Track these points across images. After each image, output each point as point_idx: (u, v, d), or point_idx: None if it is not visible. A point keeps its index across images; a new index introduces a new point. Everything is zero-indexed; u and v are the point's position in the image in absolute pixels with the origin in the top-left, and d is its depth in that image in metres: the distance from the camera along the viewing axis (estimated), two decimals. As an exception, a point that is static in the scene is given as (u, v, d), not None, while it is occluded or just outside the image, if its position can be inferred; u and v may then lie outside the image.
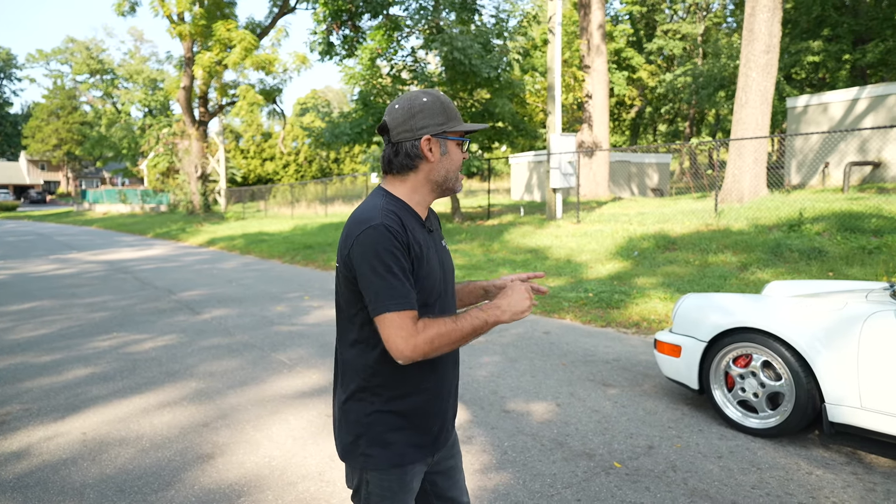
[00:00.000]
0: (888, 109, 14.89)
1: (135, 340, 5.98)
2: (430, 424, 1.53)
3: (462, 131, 1.52)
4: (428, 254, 1.48)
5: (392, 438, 1.49)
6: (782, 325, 3.39)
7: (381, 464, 1.49)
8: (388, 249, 1.37)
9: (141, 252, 15.97)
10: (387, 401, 1.49)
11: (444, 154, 1.50)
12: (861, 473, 3.07)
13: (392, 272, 1.37)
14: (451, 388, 1.60)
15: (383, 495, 1.50)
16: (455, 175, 1.53)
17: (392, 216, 1.42)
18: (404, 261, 1.39)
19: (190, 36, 26.56)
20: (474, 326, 1.41)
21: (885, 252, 7.42)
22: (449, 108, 1.50)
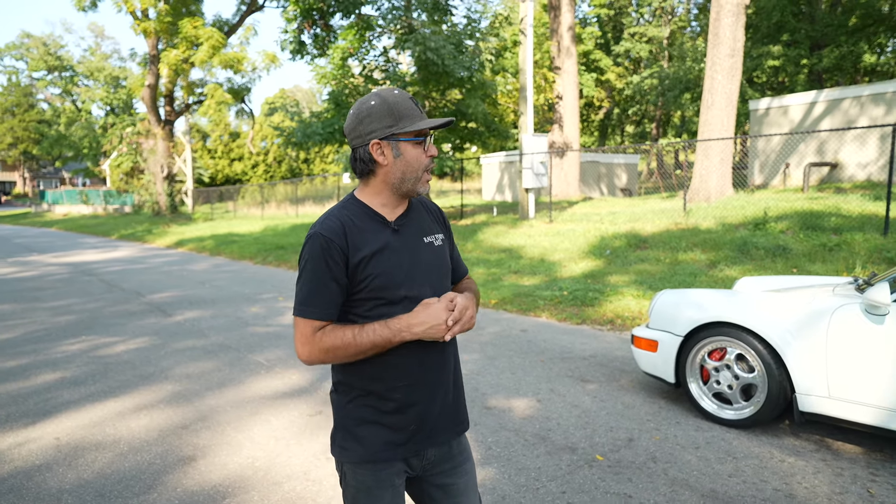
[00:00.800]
0: (843, 112, 15.46)
1: (105, 343, 5.84)
2: (404, 423, 1.50)
3: (414, 131, 1.46)
4: (384, 254, 1.47)
5: (363, 433, 1.50)
6: (755, 319, 3.51)
7: (353, 457, 1.51)
8: (316, 257, 1.43)
9: (106, 254, 15.55)
10: (360, 394, 1.51)
11: (397, 156, 1.47)
12: (829, 460, 3.19)
13: (312, 279, 1.44)
14: (435, 391, 1.54)
15: (359, 489, 1.52)
16: (414, 176, 1.49)
17: (335, 222, 1.46)
18: (334, 268, 1.43)
19: (155, 33, 25.97)
20: (373, 342, 1.42)
21: (844, 249, 7.71)
22: (398, 109, 1.45)
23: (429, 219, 1.63)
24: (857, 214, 9.19)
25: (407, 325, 1.43)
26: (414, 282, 1.51)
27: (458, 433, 1.62)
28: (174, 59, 25.34)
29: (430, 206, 1.69)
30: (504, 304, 7.42)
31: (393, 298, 1.48)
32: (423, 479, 1.59)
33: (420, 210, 1.62)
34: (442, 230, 1.65)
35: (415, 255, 1.53)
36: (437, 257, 1.59)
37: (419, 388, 1.52)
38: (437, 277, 1.57)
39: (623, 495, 2.85)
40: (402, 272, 1.49)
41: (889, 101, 14.52)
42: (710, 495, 2.83)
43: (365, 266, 1.45)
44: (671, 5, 38.27)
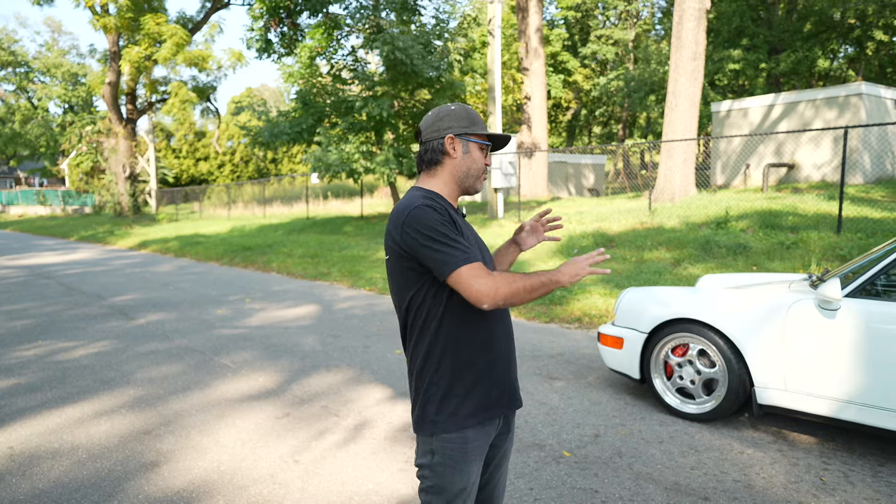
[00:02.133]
0: (799, 115, 15.99)
1: (63, 348, 5.66)
2: (491, 391, 1.65)
3: (483, 135, 1.71)
4: (467, 233, 1.67)
5: (456, 405, 1.61)
6: (716, 316, 3.61)
7: (447, 429, 1.60)
8: (436, 221, 1.55)
9: (64, 256, 15.07)
10: (449, 369, 1.62)
11: (465, 153, 1.69)
12: (786, 450, 3.30)
13: (448, 237, 1.54)
14: (510, 360, 1.73)
15: (446, 464, 1.60)
16: (476, 175, 1.72)
17: (431, 201, 1.61)
18: (453, 229, 1.57)
19: (115, 29, 25.26)
20: (541, 281, 1.57)
21: (801, 247, 7.97)
22: (474, 117, 1.71)
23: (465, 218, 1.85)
24: (812, 214, 9.51)
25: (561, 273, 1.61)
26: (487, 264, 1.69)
27: (518, 406, 1.78)
28: (136, 57, 24.70)
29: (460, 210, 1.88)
30: (473, 304, 7.44)
31: None
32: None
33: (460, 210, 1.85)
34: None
35: (480, 241, 1.76)
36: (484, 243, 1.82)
37: (500, 359, 1.69)
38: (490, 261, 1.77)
39: (589, 490, 2.90)
40: (479, 254, 1.67)
41: (841, 105, 15.07)
42: (673, 488, 2.90)
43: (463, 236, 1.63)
44: (636, 9, 38.97)
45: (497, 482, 1.84)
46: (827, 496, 2.81)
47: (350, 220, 18.20)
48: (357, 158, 14.02)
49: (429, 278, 1.59)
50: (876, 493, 2.83)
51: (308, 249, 12.99)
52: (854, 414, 3.13)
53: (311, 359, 5.24)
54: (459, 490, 1.62)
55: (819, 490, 2.87)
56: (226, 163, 49.23)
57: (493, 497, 1.84)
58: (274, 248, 13.63)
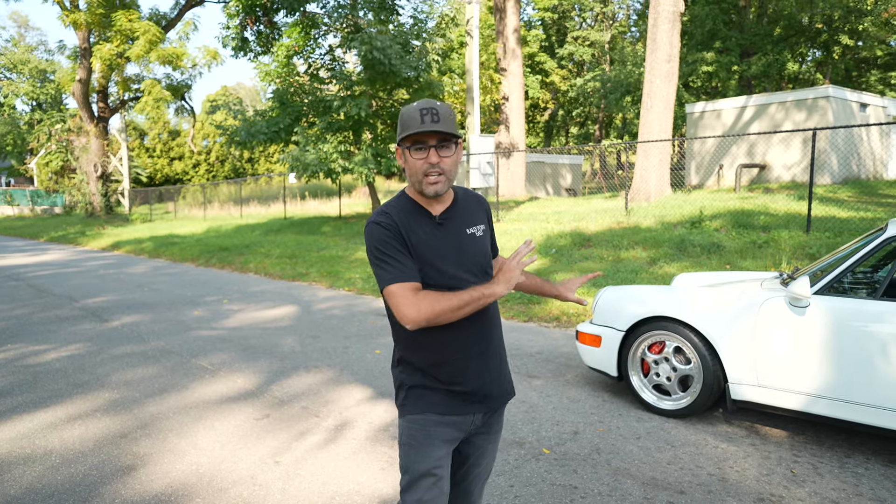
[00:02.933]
0: (770, 117, 16.36)
1: (34, 352, 5.54)
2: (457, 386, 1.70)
3: (406, 138, 1.65)
4: (429, 243, 1.67)
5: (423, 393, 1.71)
6: (691, 313, 3.68)
7: (411, 410, 1.71)
8: (378, 239, 1.63)
9: (34, 257, 14.72)
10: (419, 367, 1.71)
11: (405, 161, 1.69)
12: (758, 444, 3.39)
13: (384, 255, 1.62)
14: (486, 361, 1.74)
15: (410, 443, 1.70)
16: (417, 178, 1.66)
17: (388, 211, 1.67)
18: (400, 245, 1.62)
19: (86, 25, 24.71)
20: (472, 297, 1.59)
21: (772, 246, 8.16)
22: (405, 121, 1.64)
23: (473, 211, 1.81)
24: (783, 213, 9.75)
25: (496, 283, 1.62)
26: (456, 270, 1.69)
27: (505, 401, 1.82)
28: (108, 54, 24.20)
29: (473, 198, 1.85)
30: (453, 304, 7.47)
31: (438, 283, 1.66)
32: (463, 440, 1.80)
33: (466, 204, 1.80)
34: (484, 220, 1.83)
35: (457, 246, 1.71)
36: (478, 247, 1.77)
37: (472, 359, 1.72)
38: (478, 266, 1.76)
39: (569, 487, 2.94)
40: (444, 260, 1.68)
41: (810, 107, 15.45)
42: (650, 483, 2.96)
43: (415, 252, 1.65)
44: (612, 11, 39.42)
45: (473, 480, 1.86)
46: (797, 487, 2.89)
47: (328, 220, 18.09)
48: (335, 158, 13.94)
49: None
50: (843, 483, 2.93)
51: (286, 250, 12.88)
52: (823, 408, 3.22)
53: (291, 360, 5.21)
54: (422, 473, 1.67)
55: (790, 482, 2.95)
56: (201, 162, 48.53)
57: (469, 493, 1.87)
58: (251, 249, 13.49)
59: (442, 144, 1.65)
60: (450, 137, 1.66)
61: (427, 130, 1.61)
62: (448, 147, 1.66)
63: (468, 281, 1.69)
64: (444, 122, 1.63)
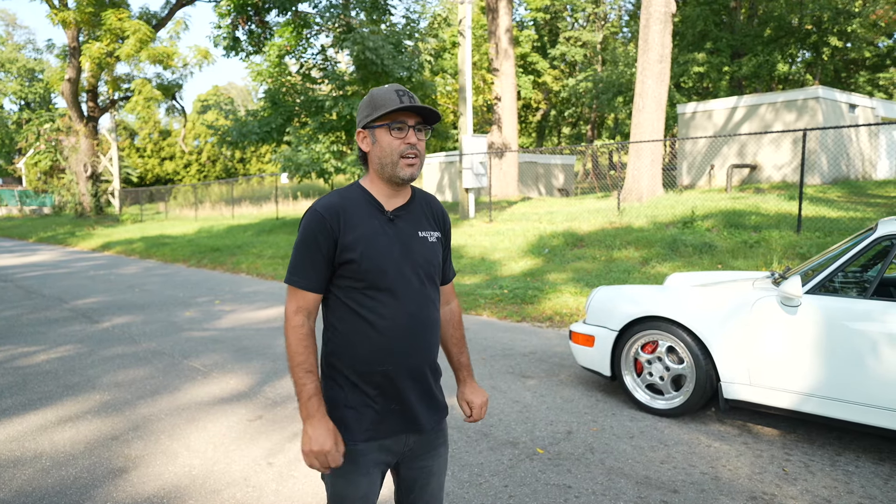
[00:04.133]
0: (760, 118, 16.47)
1: (23, 353, 5.49)
2: (383, 407, 1.56)
3: (382, 116, 1.53)
4: (373, 239, 1.54)
5: (345, 416, 1.56)
6: (684, 313, 3.70)
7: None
8: (310, 229, 1.53)
9: (23, 258, 14.58)
10: (342, 375, 1.57)
11: (374, 143, 1.57)
12: (751, 443, 3.41)
13: (305, 249, 1.54)
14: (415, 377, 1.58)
15: (337, 472, 1.56)
16: (391, 161, 1.55)
17: (334, 199, 1.56)
18: (322, 243, 1.52)
19: (75, 24, 24.49)
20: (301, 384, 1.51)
21: (763, 245, 8.22)
22: (377, 100, 1.54)
23: (429, 217, 1.69)
24: (773, 213, 9.81)
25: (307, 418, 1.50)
26: (400, 272, 1.56)
27: (437, 420, 1.67)
28: (97, 53, 23.99)
29: (435, 207, 1.73)
30: (446, 304, 7.46)
31: (377, 285, 1.54)
32: (402, 463, 1.66)
33: (423, 206, 1.68)
34: (439, 230, 1.71)
35: (406, 247, 1.58)
36: (430, 252, 1.64)
37: (399, 374, 1.56)
38: (427, 271, 1.62)
39: (563, 486, 2.94)
40: (389, 260, 1.54)
41: (800, 108, 15.57)
42: (644, 482, 2.97)
43: (353, 248, 1.52)
44: (604, 12, 39.55)
45: (428, 500, 1.72)
46: (789, 485, 2.91)
47: (320, 220, 18.00)
48: (327, 158, 13.92)
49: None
50: (834, 481, 2.95)
51: (278, 250, 12.83)
52: (814, 406, 3.25)
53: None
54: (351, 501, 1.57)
55: (782, 480, 2.97)
56: (192, 162, 48.27)
57: None
58: (243, 249, 13.43)
59: (419, 127, 1.57)
60: (431, 120, 1.58)
61: (411, 107, 1.52)
62: (423, 131, 1.59)
63: (412, 285, 1.57)
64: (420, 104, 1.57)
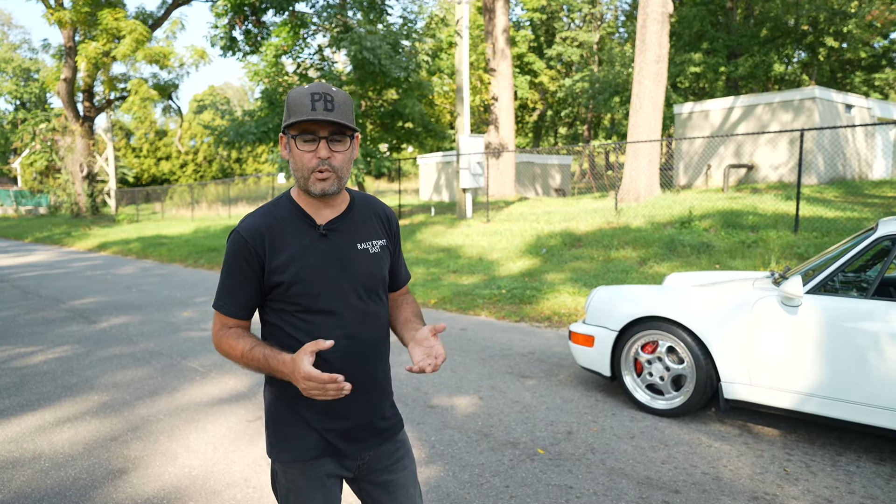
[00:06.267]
0: (757, 118, 16.51)
1: (21, 354, 5.46)
2: (330, 424, 1.48)
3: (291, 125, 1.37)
4: (305, 258, 1.42)
5: (293, 433, 1.48)
6: (684, 313, 3.70)
7: (283, 456, 1.49)
8: (234, 254, 1.44)
9: (19, 258, 14.52)
10: (288, 393, 1.46)
11: (290, 152, 1.43)
12: (751, 443, 3.41)
13: (229, 275, 1.46)
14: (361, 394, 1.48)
15: (290, 488, 1.50)
16: (302, 174, 1.40)
17: (257, 220, 1.43)
18: (247, 269, 1.43)
19: (71, 23, 24.41)
20: (259, 368, 1.41)
21: (761, 245, 8.24)
22: (293, 104, 1.36)
23: (371, 223, 1.55)
24: (771, 213, 9.84)
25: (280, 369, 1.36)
26: (336, 291, 1.44)
27: (386, 439, 1.57)
28: (93, 52, 23.91)
29: (379, 210, 1.60)
30: (444, 304, 7.47)
31: (311, 307, 1.43)
32: (362, 478, 1.57)
33: (363, 213, 1.54)
34: (384, 236, 1.58)
35: (343, 263, 1.45)
36: (372, 265, 1.51)
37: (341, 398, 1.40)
38: (366, 287, 1.49)
39: (564, 487, 2.94)
40: (323, 280, 1.42)
41: (796, 108, 15.61)
42: (645, 482, 2.97)
43: (283, 271, 1.40)
44: (600, 12, 39.60)
45: None
46: (790, 486, 2.91)
47: (318, 220, 17.98)
48: (325, 158, 13.87)
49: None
50: (836, 481, 2.95)
51: (275, 250, 12.78)
52: (815, 406, 3.25)
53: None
54: None
55: (783, 480, 2.97)
56: (188, 162, 48.14)
57: None
58: (240, 250, 13.38)
59: (334, 137, 1.38)
60: (344, 129, 1.39)
61: (318, 119, 1.34)
62: (342, 141, 1.40)
63: (351, 303, 1.45)
64: (338, 111, 1.36)
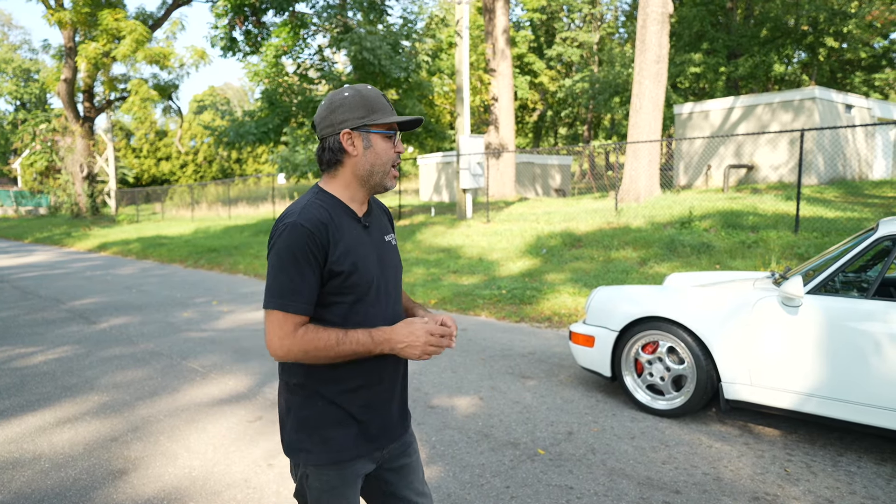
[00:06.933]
0: (757, 118, 16.51)
1: (21, 354, 5.46)
2: (368, 422, 1.51)
3: (385, 124, 1.48)
4: (358, 249, 1.47)
5: (331, 434, 1.48)
6: (684, 313, 3.70)
7: (320, 459, 1.48)
8: (297, 246, 1.38)
9: (19, 259, 14.52)
10: (324, 396, 1.47)
11: (367, 148, 1.48)
12: (752, 443, 3.41)
13: (291, 270, 1.38)
14: (395, 385, 1.57)
15: (323, 489, 1.49)
16: (382, 171, 1.50)
17: (314, 212, 1.43)
18: (313, 262, 1.39)
19: (71, 24, 24.40)
20: (355, 351, 1.41)
21: (761, 246, 8.23)
22: (372, 102, 1.47)
23: (383, 218, 1.66)
24: (771, 213, 9.83)
25: (388, 339, 1.42)
26: (382, 280, 1.52)
27: (407, 427, 1.66)
28: (93, 53, 23.91)
29: (383, 207, 1.71)
30: (444, 304, 7.47)
31: (363, 298, 1.47)
32: (379, 466, 1.61)
33: (377, 208, 1.65)
34: (392, 230, 1.68)
35: (381, 254, 1.55)
36: (396, 257, 1.63)
37: (380, 387, 1.52)
38: (398, 276, 1.60)
39: (564, 487, 2.94)
40: (371, 271, 1.49)
41: (796, 108, 15.61)
42: (645, 483, 2.96)
43: (342, 262, 1.43)
44: (600, 12, 39.61)
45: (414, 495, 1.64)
46: (791, 486, 2.91)
47: (318, 220, 17.99)
48: (325, 158, 13.88)
49: None
50: (836, 481, 2.95)
51: (275, 251, 12.78)
52: (816, 407, 3.25)
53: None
54: None
55: (784, 481, 2.97)
56: (188, 163, 48.15)
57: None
58: (240, 250, 13.39)
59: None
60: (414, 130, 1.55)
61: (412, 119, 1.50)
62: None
63: (390, 292, 1.54)
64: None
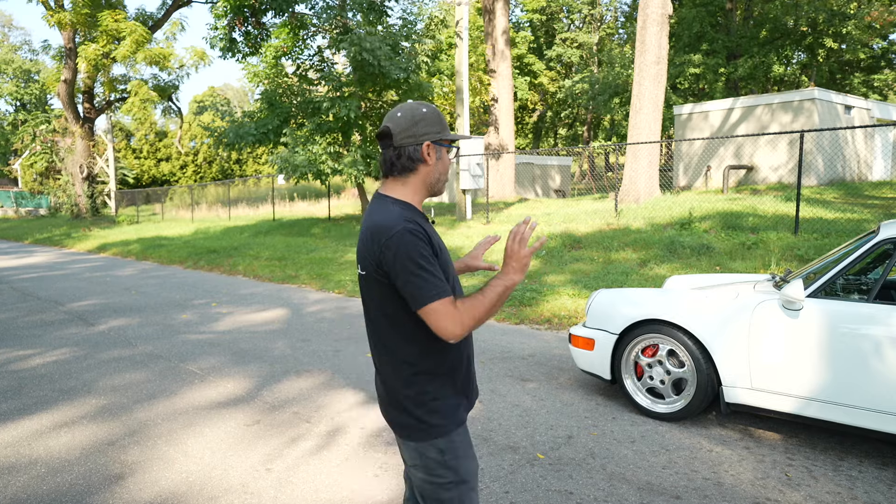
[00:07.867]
0: (757, 119, 16.50)
1: (19, 357, 5.44)
2: (469, 386, 1.78)
3: (451, 139, 1.73)
4: (440, 244, 1.68)
5: (452, 402, 1.70)
6: (684, 316, 3.68)
7: (449, 428, 1.68)
8: (416, 250, 1.54)
9: (19, 260, 14.50)
10: (440, 375, 1.68)
11: (438, 159, 1.72)
12: (753, 447, 3.39)
13: (425, 269, 1.55)
14: (471, 358, 1.83)
15: (458, 449, 1.69)
16: (445, 179, 1.76)
17: (413, 224, 1.60)
18: (431, 256, 1.57)
19: (71, 25, 24.39)
20: (498, 294, 1.59)
21: (761, 247, 8.21)
22: (442, 119, 1.72)
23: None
24: (771, 215, 9.82)
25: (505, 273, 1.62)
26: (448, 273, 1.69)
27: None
28: (93, 54, 23.91)
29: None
30: (444, 306, 7.44)
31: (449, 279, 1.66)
32: None
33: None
34: None
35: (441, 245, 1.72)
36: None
37: (471, 353, 1.80)
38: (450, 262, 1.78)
39: (564, 492, 2.92)
40: (451, 261, 1.72)
41: (796, 109, 15.60)
42: (645, 487, 2.95)
43: (438, 257, 1.62)
44: (600, 13, 39.61)
45: None
46: (792, 491, 2.89)
47: (318, 221, 17.99)
48: (324, 160, 13.87)
49: None
50: (838, 486, 2.93)
51: (275, 252, 12.78)
52: (817, 411, 3.23)
53: (281, 364, 5.16)
54: (475, 470, 1.75)
55: (785, 485, 2.95)
56: (188, 163, 48.15)
57: None
58: (240, 251, 13.38)
59: None
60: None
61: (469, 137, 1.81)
62: None
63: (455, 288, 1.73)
64: None
